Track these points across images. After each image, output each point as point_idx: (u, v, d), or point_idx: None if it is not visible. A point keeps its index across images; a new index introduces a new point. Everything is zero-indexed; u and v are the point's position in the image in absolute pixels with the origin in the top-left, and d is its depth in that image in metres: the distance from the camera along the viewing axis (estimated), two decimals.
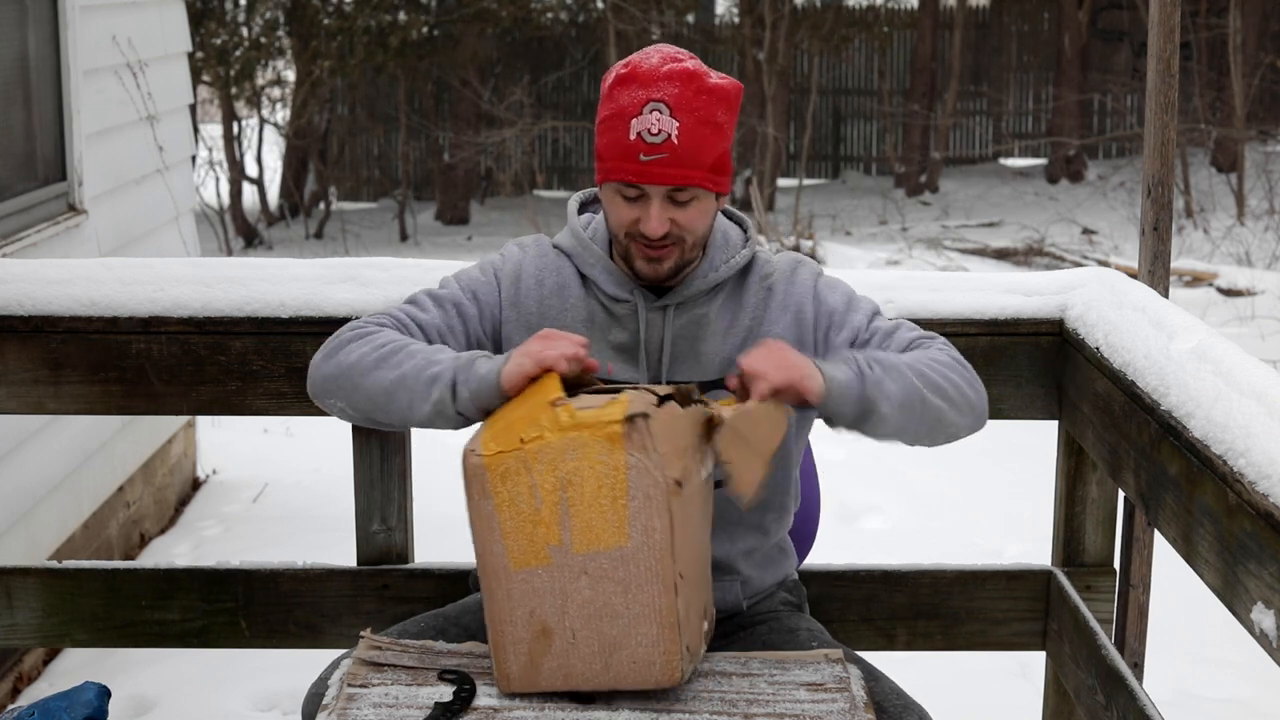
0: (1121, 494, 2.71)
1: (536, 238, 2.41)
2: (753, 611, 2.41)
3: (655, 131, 2.14)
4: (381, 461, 2.76)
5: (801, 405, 2.09)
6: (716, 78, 2.21)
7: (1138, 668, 3.10)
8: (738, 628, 2.39)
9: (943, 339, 2.29)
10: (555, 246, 2.37)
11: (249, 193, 15.36)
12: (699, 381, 2.27)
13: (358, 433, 2.75)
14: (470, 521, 2.04)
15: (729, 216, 2.41)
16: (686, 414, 2.02)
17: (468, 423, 2.17)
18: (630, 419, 1.94)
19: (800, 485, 2.60)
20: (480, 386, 2.10)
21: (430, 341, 2.26)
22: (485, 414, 2.12)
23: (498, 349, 2.33)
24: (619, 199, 2.21)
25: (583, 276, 2.33)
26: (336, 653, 2.36)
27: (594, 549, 1.99)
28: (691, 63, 2.20)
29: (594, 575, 2.00)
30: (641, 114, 2.15)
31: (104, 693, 2.48)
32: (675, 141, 2.14)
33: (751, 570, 2.39)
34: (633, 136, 2.15)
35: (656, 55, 2.21)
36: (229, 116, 14.79)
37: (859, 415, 2.11)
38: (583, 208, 2.45)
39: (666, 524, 1.97)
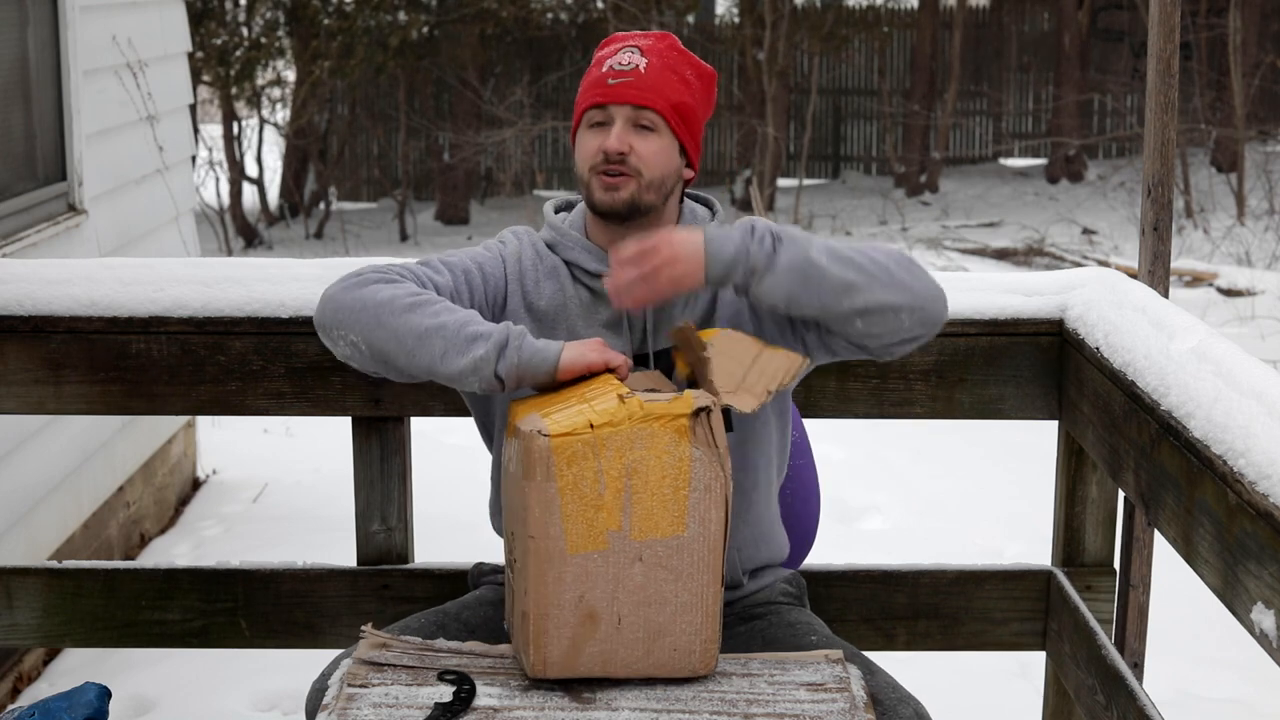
0: (1121, 494, 2.71)
1: (527, 228, 2.48)
2: (752, 603, 2.42)
3: (625, 62, 2.30)
4: (381, 461, 2.76)
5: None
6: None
7: (1138, 668, 3.11)
8: (738, 619, 2.40)
9: (891, 248, 2.30)
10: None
11: (249, 193, 15.37)
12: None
13: (358, 433, 2.75)
14: (520, 504, 2.06)
15: (696, 199, 2.48)
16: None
17: (491, 389, 2.17)
18: (696, 414, 2.04)
19: (801, 485, 2.60)
20: (534, 358, 2.13)
21: None
22: (518, 385, 2.15)
23: (497, 321, 2.34)
24: (586, 134, 2.32)
25: (566, 264, 2.38)
26: (337, 653, 2.36)
27: (651, 536, 2.06)
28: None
29: (648, 562, 2.06)
30: (615, 55, 2.32)
31: (104, 693, 2.48)
32: (642, 71, 2.30)
33: (744, 542, 2.40)
34: (604, 69, 2.31)
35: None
36: (229, 116, 14.78)
37: (744, 284, 2.17)
38: (557, 213, 2.50)
39: (723, 515, 2.07)
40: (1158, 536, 2.98)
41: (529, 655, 2.08)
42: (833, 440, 6.00)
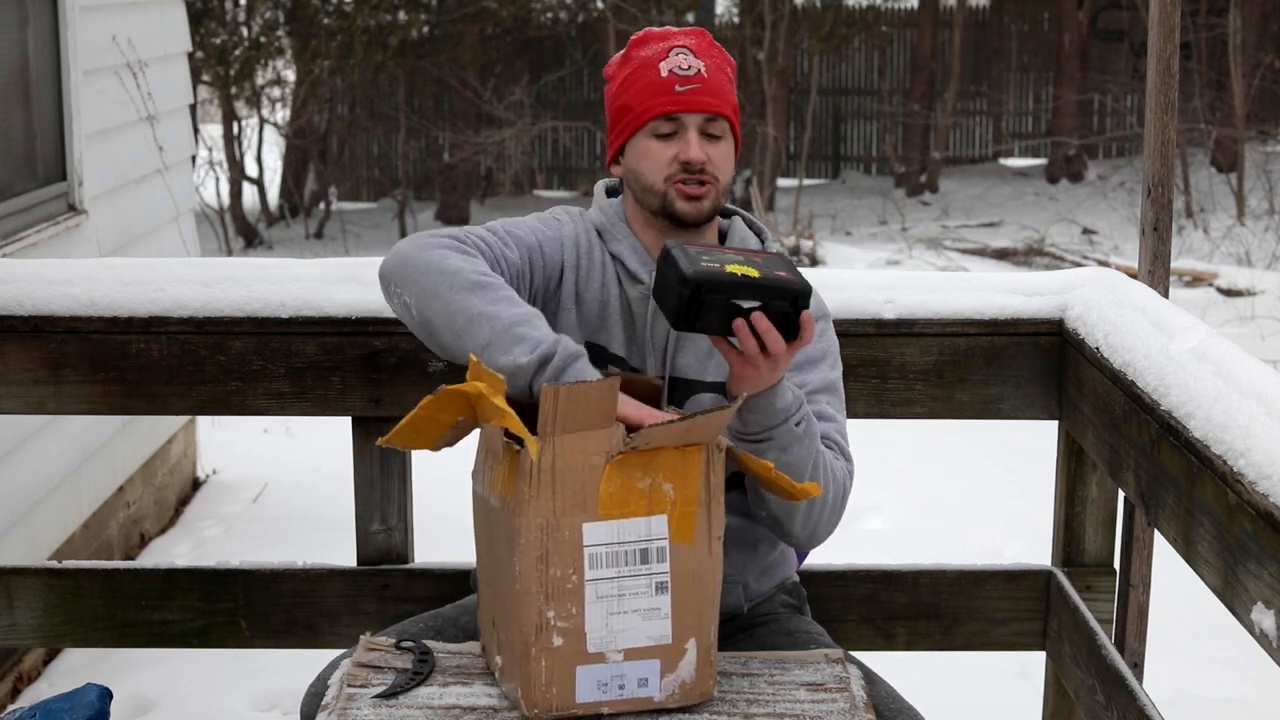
0: (1121, 494, 2.71)
1: (579, 210, 2.40)
2: (752, 614, 2.41)
3: (686, 66, 2.25)
4: (381, 461, 2.76)
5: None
6: None
7: (1138, 668, 3.11)
8: (737, 630, 2.39)
9: (849, 463, 2.29)
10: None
11: (249, 193, 15.37)
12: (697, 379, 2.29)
13: (358, 432, 2.76)
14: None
15: (750, 225, 2.41)
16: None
17: (520, 397, 2.06)
18: None
19: None
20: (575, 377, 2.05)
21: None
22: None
23: (550, 305, 2.30)
24: (653, 143, 2.24)
25: (612, 258, 2.32)
26: (336, 653, 2.36)
27: None
28: None
29: None
30: (668, 57, 2.26)
31: (106, 694, 2.48)
32: (705, 75, 2.25)
33: (751, 577, 2.39)
34: (665, 74, 2.24)
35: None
36: (229, 116, 14.78)
37: (758, 439, 2.13)
38: (608, 196, 2.43)
39: None
40: (1158, 536, 2.98)
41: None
42: None
